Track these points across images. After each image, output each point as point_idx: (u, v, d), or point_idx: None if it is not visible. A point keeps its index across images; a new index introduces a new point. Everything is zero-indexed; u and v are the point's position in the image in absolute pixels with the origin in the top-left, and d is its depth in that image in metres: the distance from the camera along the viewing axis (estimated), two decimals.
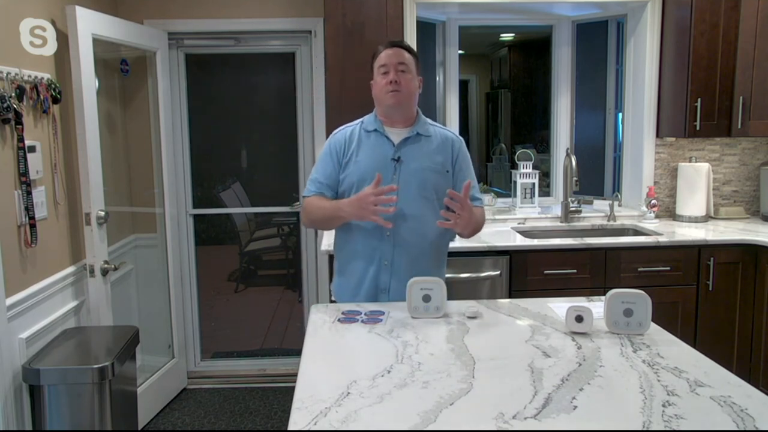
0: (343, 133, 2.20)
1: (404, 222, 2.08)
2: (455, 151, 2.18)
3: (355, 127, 2.20)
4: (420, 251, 2.13)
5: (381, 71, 2.11)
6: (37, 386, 2.29)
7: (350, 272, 2.18)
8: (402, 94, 2.08)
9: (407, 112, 2.15)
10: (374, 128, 2.16)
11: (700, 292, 3.07)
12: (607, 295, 1.75)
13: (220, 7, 3.51)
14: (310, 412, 1.29)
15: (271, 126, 3.96)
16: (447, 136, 2.21)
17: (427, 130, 2.17)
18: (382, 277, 2.12)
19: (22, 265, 2.42)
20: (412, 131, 2.14)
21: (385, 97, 2.09)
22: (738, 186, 3.72)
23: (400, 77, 2.08)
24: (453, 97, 3.80)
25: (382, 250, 2.11)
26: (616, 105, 3.86)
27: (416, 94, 2.16)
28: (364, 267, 2.13)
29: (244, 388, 3.67)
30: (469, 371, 1.48)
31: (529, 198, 3.71)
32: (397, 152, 2.12)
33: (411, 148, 2.13)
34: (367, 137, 2.16)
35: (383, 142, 2.14)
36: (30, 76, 2.46)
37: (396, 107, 2.11)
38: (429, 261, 2.16)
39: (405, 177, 2.10)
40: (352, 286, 2.17)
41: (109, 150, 3.13)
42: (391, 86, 2.07)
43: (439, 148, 2.16)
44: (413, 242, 2.11)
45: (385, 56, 2.11)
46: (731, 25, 3.24)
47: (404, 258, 2.11)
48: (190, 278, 3.79)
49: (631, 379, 1.43)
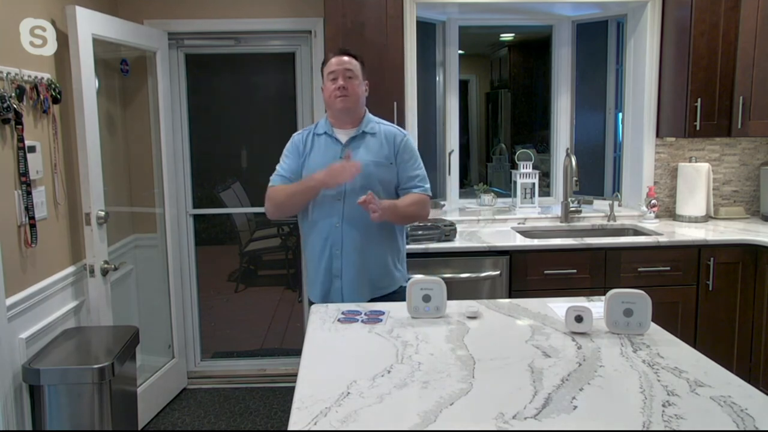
0: (300, 135, 2.43)
1: (351, 212, 2.25)
2: (397, 145, 2.36)
3: (310, 130, 2.42)
4: (367, 237, 2.30)
5: (330, 77, 2.31)
6: (37, 386, 2.29)
7: (312, 260, 2.39)
8: (349, 99, 2.29)
9: (355, 115, 2.36)
10: (324, 131, 2.37)
11: (700, 292, 3.07)
12: (607, 295, 1.75)
13: (220, 7, 3.51)
14: (310, 412, 1.29)
15: (271, 126, 3.95)
16: (391, 132, 2.39)
17: (372, 128, 2.37)
18: (335, 263, 2.32)
19: (22, 265, 2.42)
20: (358, 130, 2.35)
21: (335, 102, 2.29)
22: (738, 186, 3.72)
23: (348, 83, 2.28)
24: (453, 97, 3.80)
25: (332, 239, 2.30)
26: (616, 105, 3.86)
27: (363, 97, 2.37)
28: (319, 257, 2.34)
29: (244, 388, 3.67)
30: (469, 371, 1.48)
31: (529, 198, 3.71)
32: (343, 151, 2.31)
33: (356, 145, 2.33)
34: (318, 140, 2.38)
35: (332, 142, 2.35)
36: (30, 76, 2.46)
37: (344, 111, 2.31)
38: (377, 242, 2.33)
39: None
40: (312, 276, 2.39)
41: (109, 150, 3.13)
42: (339, 92, 2.27)
43: (384, 143, 2.35)
44: (360, 229, 2.28)
45: (334, 63, 2.31)
46: (731, 25, 3.24)
47: (352, 244, 2.30)
48: (190, 278, 3.79)
49: (631, 379, 1.43)
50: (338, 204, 2.28)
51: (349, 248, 2.29)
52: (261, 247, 4.33)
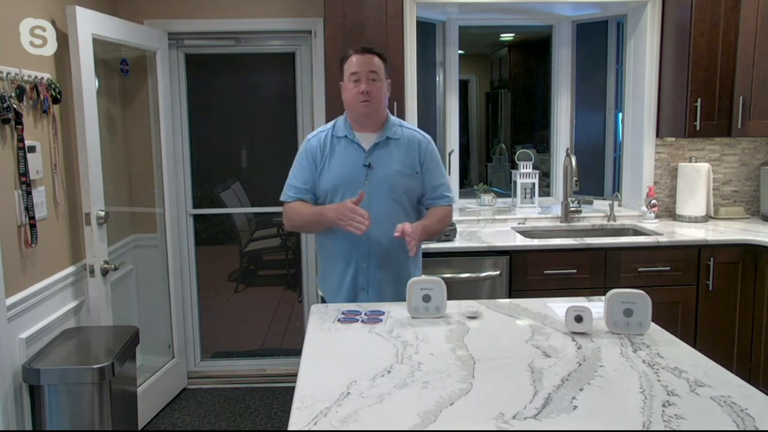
0: (317, 138, 2.27)
1: (377, 225, 2.13)
2: (422, 152, 2.26)
3: (327, 132, 2.28)
4: (393, 252, 2.21)
5: (352, 78, 2.17)
6: (37, 386, 2.29)
7: (331, 273, 2.29)
8: (373, 104, 2.16)
9: (378, 119, 2.23)
10: (344, 134, 2.23)
11: (700, 292, 3.07)
12: (607, 295, 1.75)
13: (220, 7, 3.51)
14: (310, 412, 1.29)
15: (271, 126, 3.95)
16: (415, 137, 2.28)
17: (395, 132, 2.25)
18: (360, 278, 2.23)
19: (22, 265, 2.42)
20: (381, 136, 2.22)
21: (357, 106, 2.16)
22: (738, 186, 3.72)
23: (371, 86, 2.15)
24: (453, 97, 3.80)
25: (358, 252, 2.21)
26: (616, 105, 3.86)
27: (386, 99, 2.24)
28: (344, 269, 2.24)
29: (244, 388, 3.67)
30: (469, 371, 1.48)
31: (529, 198, 3.71)
32: (367, 158, 2.20)
33: (381, 153, 2.21)
34: (338, 143, 2.24)
35: (354, 148, 2.22)
36: (30, 76, 2.46)
37: (367, 116, 2.19)
38: (402, 260, 2.24)
39: (376, 182, 2.19)
40: (334, 286, 2.29)
41: (109, 150, 3.13)
42: (363, 96, 2.14)
43: (408, 150, 2.24)
44: (386, 244, 2.19)
45: (356, 63, 2.16)
46: (731, 25, 3.24)
47: (379, 259, 2.21)
48: (190, 278, 3.79)
49: (631, 379, 1.43)
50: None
51: (375, 262, 2.21)
52: (261, 247, 4.33)
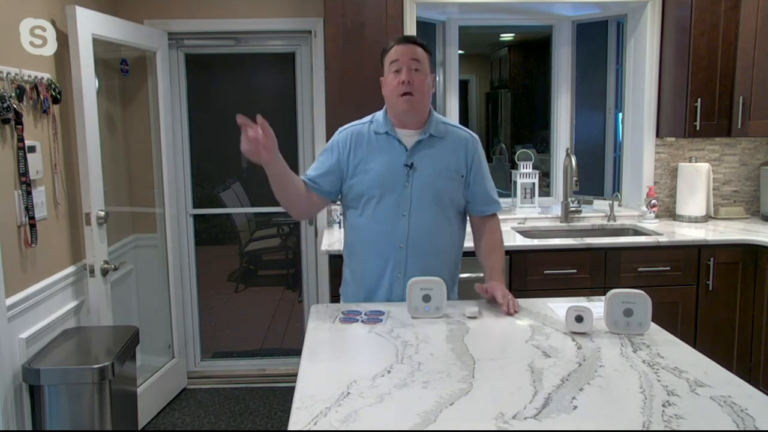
0: (350, 131, 2.08)
1: (418, 231, 2.00)
2: (470, 153, 2.07)
3: (364, 126, 2.08)
4: (434, 262, 2.04)
5: (392, 68, 1.97)
6: (37, 386, 2.29)
7: (362, 281, 2.10)
8: (415, 99, 1.96)
9: (421, 115, 2.03)
10: (385, 131, 2.04)
11: (700, 292, 3.07)
12: (607, 295, 1.75)
13: (220, 7, 3.51)
14: (310, 412, 1.29)
15: (271, 126, 3.94)
16: (461, 136, 2.09)
17: (440, 130, 2.05)
18: (395, 288, 2.05)
19: (22, 265, 2.42)
20: (424, 133, 2.02)
21: (398, 101, 1.97)
22: (738, 186, 3.72)
23: (413, 77, 1.95)
24: (453, 97, 3.80)
25: (396, 260, 2.03)
26: (616, 105, 3.86)
27: (429, 95, 2.04)
28: (377, 278, 2.06)
29: (244, 388, 3.67)
30: (469, 371, 1.48)
31: (529, 198, 3.71)
32: (410, 158, 2.01)
33: (424, 153, 2.02)
34: (377, 140, 2.04)
35: (395, 146, 2.02)
36: (30, 76, 2.46)
37: (408, 113, 2.00)
38: (442, 267, 2.06)
39: (418, 185, 2.01)
40: (364, 295, 2.10)
41: (109, 150, 3.12)
42: (404, 87, 1.94)
43: (453, 149, 2.05)
44: (427, 252, 2.03)
45: (397, 51, 1.98)
46: (731, 25, 3.24)
47: (418, 269, 2.00)
48: (190, 278, 3.79)
49: (631, 379, 1.43)
50: (402, 222, 2.00)
51: (412, 274, 1.96)
52: (261, 247, 4.33)
